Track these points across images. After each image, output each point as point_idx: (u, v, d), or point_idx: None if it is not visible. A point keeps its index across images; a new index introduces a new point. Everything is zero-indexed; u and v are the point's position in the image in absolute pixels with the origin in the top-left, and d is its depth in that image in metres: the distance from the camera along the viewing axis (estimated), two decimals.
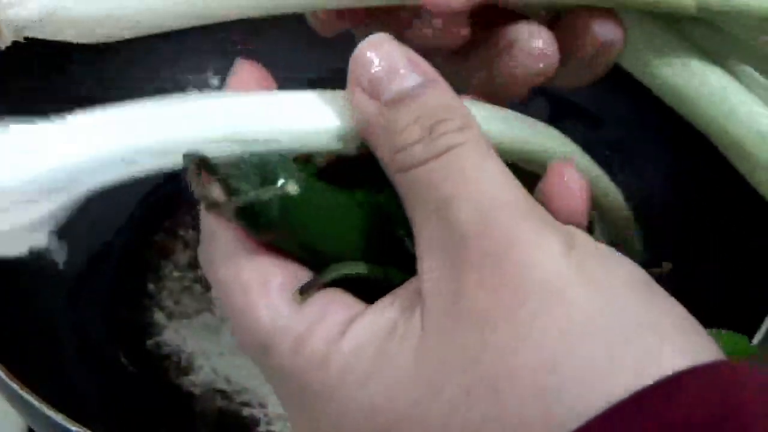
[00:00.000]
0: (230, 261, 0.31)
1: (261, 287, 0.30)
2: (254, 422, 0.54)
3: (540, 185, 0.33)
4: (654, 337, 0.27)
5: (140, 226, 0.62)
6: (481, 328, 0.27)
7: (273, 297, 0.30)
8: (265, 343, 0.29)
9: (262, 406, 0.55)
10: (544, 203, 0.32)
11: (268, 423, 0.54)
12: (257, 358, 0.30)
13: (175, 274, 0.60)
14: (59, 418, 0.43)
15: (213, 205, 0.29)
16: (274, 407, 0.55)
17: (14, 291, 0.56)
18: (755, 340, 0.42)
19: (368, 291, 0.31)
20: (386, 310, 0.29)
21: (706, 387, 0.25)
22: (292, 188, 0.29)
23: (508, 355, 0.26)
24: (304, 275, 0.31)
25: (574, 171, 0.33)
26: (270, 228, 0.30)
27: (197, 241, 0.61)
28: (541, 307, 0.27)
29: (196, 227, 0.61)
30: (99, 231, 0.61)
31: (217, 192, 0.30)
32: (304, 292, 0.30)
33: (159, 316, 0.58)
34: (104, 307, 0.59)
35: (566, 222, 0.33)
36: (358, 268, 0.31)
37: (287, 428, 0.54)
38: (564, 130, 0.62)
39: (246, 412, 0.55)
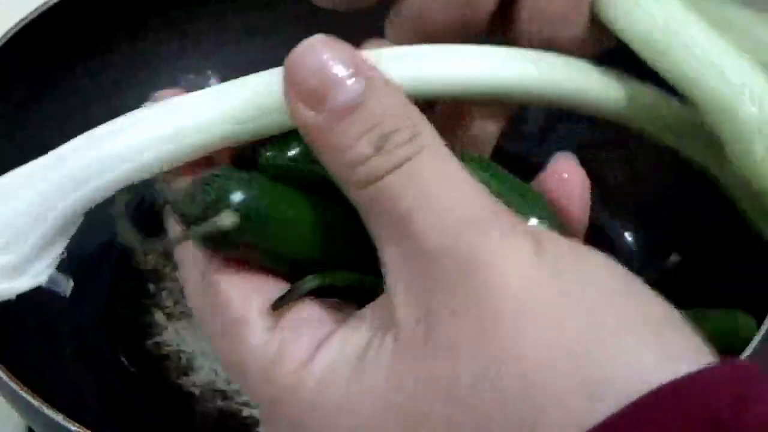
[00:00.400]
0: (200, 286, 0.30)
1: (232, 309, 0.29)
2: (254, 422, 0.54)
3: (540, 178, 0.32)
4: (636, 342, 0.25)
5: (140, 226, 0.62)
6: (456, 355, 0.25)
7: (246, 317, 0.29)
8: (241, 367, 0.29)
9: None
10: (547, 193, 0.31)
11: None
12: (236, 379, 0.30)
13: (175, 274, 0.60)
14: (59, 418, 0.43)
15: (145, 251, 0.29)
16: None
17: None
18: (755, 342, 0.42)
19: (348, 293, 0.30)
20: (357, 330, 0.28)
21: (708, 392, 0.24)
22: (229, 220, 0.28)
23: (486, 381, 0.25)
24: (277, 287, 0.29)
25: (576, 165, 0.32)
26: (231, 246, 0.29)
27: None
28: (515, 327, 0.25)
29: None
30: (99, 231, 0.61)
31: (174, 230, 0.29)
32: (278, 307, 0.29)
33: (159, 316, 0.58)
34: (104, 307, 0.59)
35: (567, 219, 0.32)
36: (332, 278, 0.30)
37: None
38: (564, 130, 0.62)
39: (246, 412, 0.55)
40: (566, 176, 0.31)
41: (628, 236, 0.60)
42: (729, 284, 0.50)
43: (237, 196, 0.29)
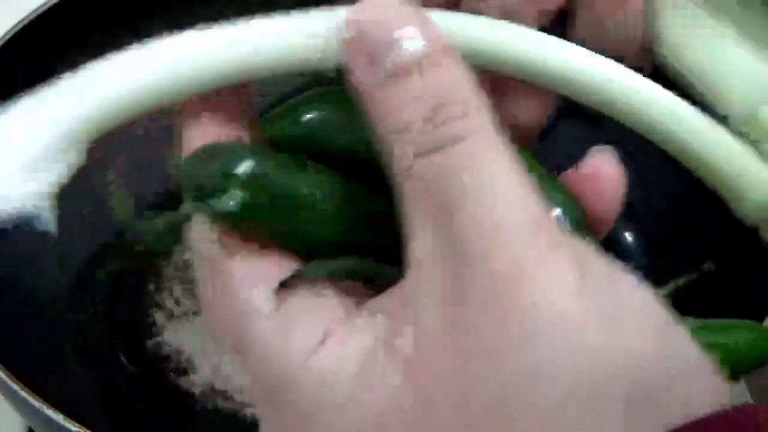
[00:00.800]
0: (207, 258, 0.28)
1: (238, 283, 0.27)
2: (254, 422, 0.54)
3: (573, 172, 0.30)
4: (675, 385, 0.24)
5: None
6: (485, 362, 0.24)
7: (250, 293, 0.27)
8: (238, 346, 0.27)
9: None
10: (577, 191, 0.30)
11: None
12: (233, 357, 0.28)
13: (175, 274, 0.60)
14: (59, 418, 0.43)
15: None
16: None
17: (14, 291, 0.56)
18: None
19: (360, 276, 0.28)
20: (371, 322, 0.26)
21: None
22: (233, 200, 0.27)
23: (515, 395, 0.24)
24: (288, 269, 0.28)
25: (610, 163, 0.30)
26: (239, 223, 0.28)
27: None
28: (553, 349, 0.24)
29: None
30: (99, 231, 0.61)
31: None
32: (285, 286, 0.27)
33: (159, 316, 0.58)
34: (104, 307, 0.59)
35: (598, 217, 0.30)
36: (345, 264, 0.28)
37: None
38: (564, 129, 0.62)
39: (246, 412, 0.55)
40: (590, 172, 0.30)
41: (628, 236, 0.60)
42: (730, 279, 0.50)
43: (245, 171, 0.27)
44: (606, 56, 0.31)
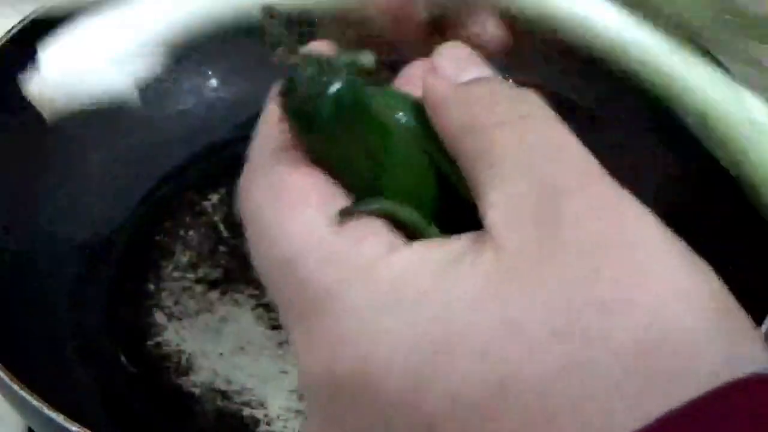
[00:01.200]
0: (269, 174, 0.29)
1: (298, 200, 0.28)
2: (254, 422, 0.54)
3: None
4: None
5: (140, 226, 0.62)
6: (588, 255, 0.26)
7: (310, 212, 0.28)
8: (293, 256, 0.28)
9: (262, 406, 0.55)
10: None
11: (268, 423, 0.54)
12: (277, 277, 0.28)
13: (175, 274, 0.60)
14: (59, 418, 0.43)
15: (285, 53, 0.29)
16: (274, 407, 0.55)
17: (14, 291, 0.56)
18: None
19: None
20: (447, 240, 0.28)
21: None
22: (368, 60, 0.28)
23: (622, 286, 0.25)
24: (343, 201, 0.29)
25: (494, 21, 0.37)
26: (325, 125, 0.28)
27: (197, 242, 0.60)
28: (654, 254, 0.27)
29: (196, 227, 0.61)
30: (99, 231, 0.61)
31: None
32: (345, 214, 0.28)
33: (159, 317, 0.58)
34: (104, 307, 0.59)
35: None
36: (407, 213, 0.29)
37: (287, 428, 0.54)
38: None
39: (246, 412, 0.55)
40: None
41: None
42: (728, 280, 0.50)
43: (351, 80, 0.29)
44: None
